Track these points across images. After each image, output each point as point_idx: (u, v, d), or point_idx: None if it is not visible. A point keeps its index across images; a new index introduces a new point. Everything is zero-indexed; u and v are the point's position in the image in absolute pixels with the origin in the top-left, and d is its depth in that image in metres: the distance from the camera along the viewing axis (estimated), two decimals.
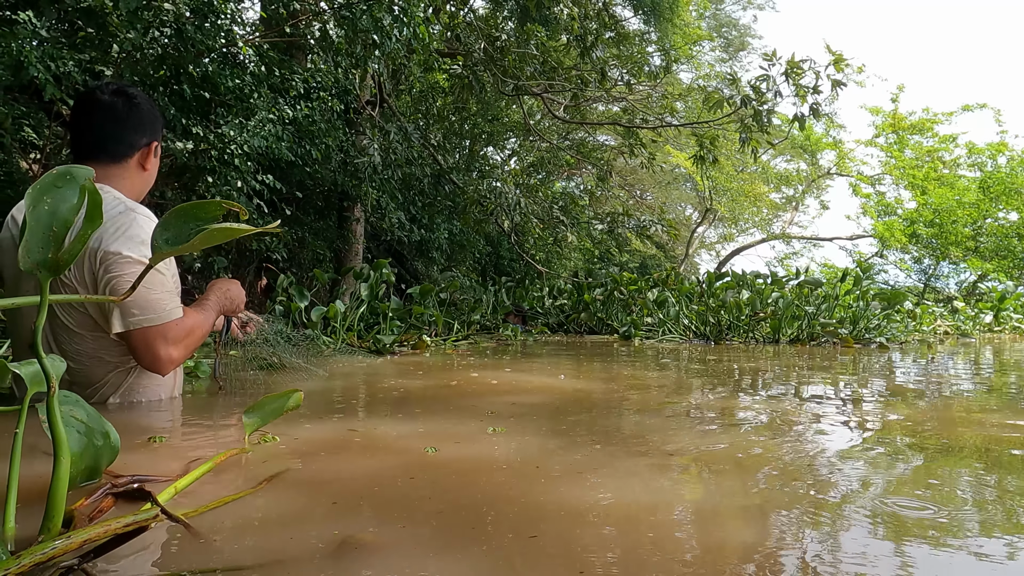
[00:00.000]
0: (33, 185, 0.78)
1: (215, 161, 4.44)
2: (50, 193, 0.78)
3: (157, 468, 1.15)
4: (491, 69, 7.46)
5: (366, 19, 4.56)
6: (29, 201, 0.77)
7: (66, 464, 0.77)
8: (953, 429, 1.61)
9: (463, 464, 1.18)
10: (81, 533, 0.69)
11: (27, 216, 0.77)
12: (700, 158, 7.97)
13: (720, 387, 2.40)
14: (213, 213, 0.88)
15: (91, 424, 0.97)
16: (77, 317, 1.59)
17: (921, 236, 16.06)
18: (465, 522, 0.88)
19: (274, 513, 0.91)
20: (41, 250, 0.77)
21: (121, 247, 1.54)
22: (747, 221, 20.33)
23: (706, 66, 15.30)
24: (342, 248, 6.91)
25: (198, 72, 4.25)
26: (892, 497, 1.01)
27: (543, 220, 8.33)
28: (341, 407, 1.87)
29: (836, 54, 7.07)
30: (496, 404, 1.87)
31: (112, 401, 1.69)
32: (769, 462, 1.23)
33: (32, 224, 0.76)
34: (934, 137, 17.54)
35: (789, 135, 13.48)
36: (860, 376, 2.87)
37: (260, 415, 1.21)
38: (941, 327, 7.45)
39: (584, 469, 1.15)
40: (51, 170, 0.80)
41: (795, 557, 0.78)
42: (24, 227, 0.76)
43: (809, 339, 5.06)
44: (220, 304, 1.87)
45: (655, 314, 5.84)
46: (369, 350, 3.57)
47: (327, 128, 5.61)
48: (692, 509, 0.97)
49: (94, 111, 1.70)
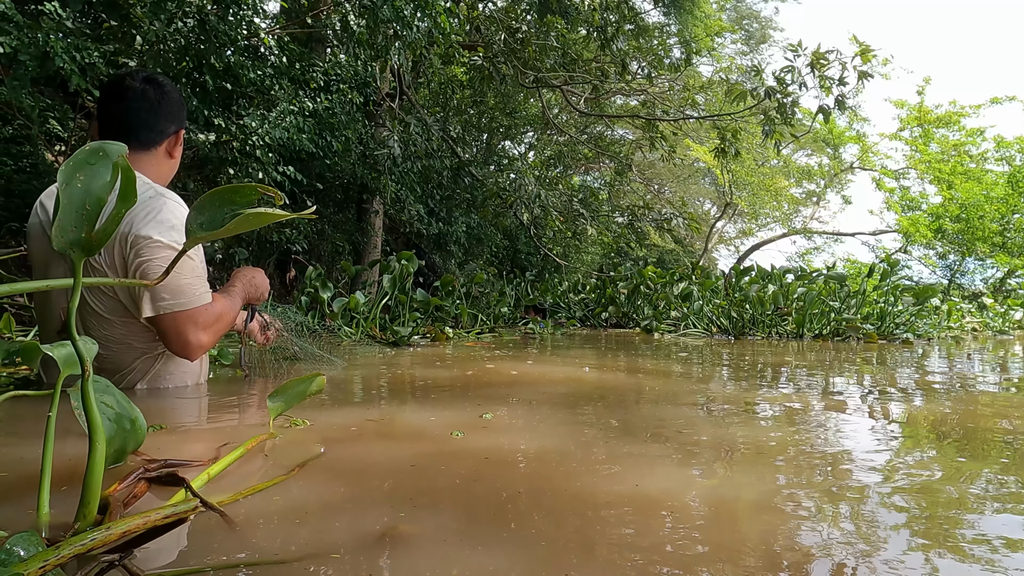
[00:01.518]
0: (66, 162, 0.76)
1: (237, 152, 4.45)
2: (83, 170, 0.76)
3: (186, 452, 1.13)
4: (511, 61, 7.41)
5: (387, 9, 4.54)
6: (62, 178, 0.75)
7: (101, 450, 0.75)
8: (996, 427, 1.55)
9: (491, 452, 1.16)
10: (120, 524, 0.67)
11: (60, 194, 0.75)
12: (721, 151, 7.87)
13: (744, 381, 2.35)
14: (248, 198, 0.86)
15: (120, 410, 0.95)
16: (107, 302, 1.59)
17: (947, 231, 15.76)
18: (498, 512, 0.85)
19: (308, 502, 0.88)
20: (74, 229, 0.75)
21: (151, 231, 1.53)
22: (767, 216, 20.10)
23: (727, 59, 15.10)
24: (360, 240, 6.91)
25: (220, 63, 4.25)
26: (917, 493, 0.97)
27: (563, 213, 8.28)
28: (363, 395, 1.85)
29: (863, 45, 6.93)
30: (522, 394, 1.84)
31: (140, 387, 1.68)
32: (799, 454, 1.19)
33: (65, 202, 0.74)
34: (961, 130, 17.20)
35: (812, 128, 13.29)
36: (907, 373, 2.80)
37: (284, 399, 1.20)
38: (969, 324, 7.30)
39: (615, 459, 1.12)
40: (83, 146, 0.77)
41: (821, 553, 0.75)
42: (57, 206, 0.74)
43: (834, 335, 4.97)
44: (246, 291, 1.87)
45: (680, 308, 5.78)
46: (388, 342, 3.57)
47: (347, 120, 5.61)
48: (738, 501, 0.93)
49: (125, 98, 1.69)
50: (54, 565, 0.63)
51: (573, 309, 6.55)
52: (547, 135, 11.11)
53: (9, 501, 0.86)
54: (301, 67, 5.26)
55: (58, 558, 0.63)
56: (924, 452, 1.28)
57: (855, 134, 18.90)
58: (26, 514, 0.80)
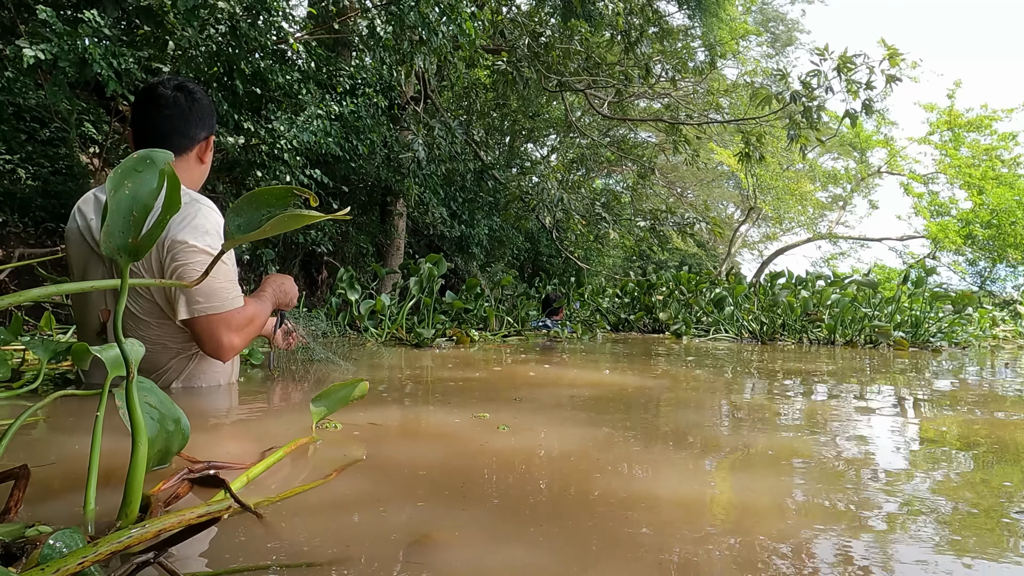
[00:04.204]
0: (114, 170, 0.78)
1: (265, 156, 4.52)
2: (131, 177, 0.78)
3: (225, 453, 1.16)
4: (535, 65, 7.42)
5: (413, 15, 4.58)
6: (110, 185, 0.77)
7: (143, 450, 0.77)
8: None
9: (518, 454, 1.16)
10: (156, 522, 0.69)
11: (108, 201, 0.77)
12: (746, 155, 7.80)
13: (781, 387, 2.33)
14: (284, 200, 0.88)
15: (163, 410, 0.97)
16: (144, 304, 1.63)
17: (977, 237, 15.45)
18: (534, 514, 0.86)
19: (343, 504, 0.90)
20: (122, 235, 0.77)
21: (187, 236, 1.57)
22: (792, 220, 19.87)
23: (752, 62, 14.98)
24: (384, 242, 6.97)
25: (250, 68, 4.33)
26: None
27: (585, 217, 8.27)
28: (393, 396, 1.87)
29: (891, 48, 6.83)
30: (545, 397, 1.84)
31: (175, 386, 1.73)
32: (820, 462, 1.18)
33: (113, 208, 0.77)
34: (992, 135, 16.86)
35: (838, 132, 13.11)
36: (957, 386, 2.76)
37: (327, 403, 1.22)
38: (1005, 332, 7.16)
39: (639, 463, 1.12)
40: (131, 155, 0.80)
41: (839, 556, 0.74)
42: (105, 211, 0.77)
43: (867, 342, 4.91)
44: (276, 297, 1.91)
45: (711, 313, 5.77)
46: (412, 344, 3.59)
47: (372, 123, 5.67)
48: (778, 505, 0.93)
49: (158, 106, 1.73)
50: (92, 562, 0.64)
51: (604, 314, 6.51)
52: (569, 138, 11.11)
53: (58, 497, 0.89)
54: (328, 71, 5.33)
55: (96, 555, 0.65)
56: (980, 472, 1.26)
57: (883, 138, 18.62)
58: (73, 511, 0.83)
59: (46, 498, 0.88)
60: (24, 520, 0.77)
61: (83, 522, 0.79)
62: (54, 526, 0.77)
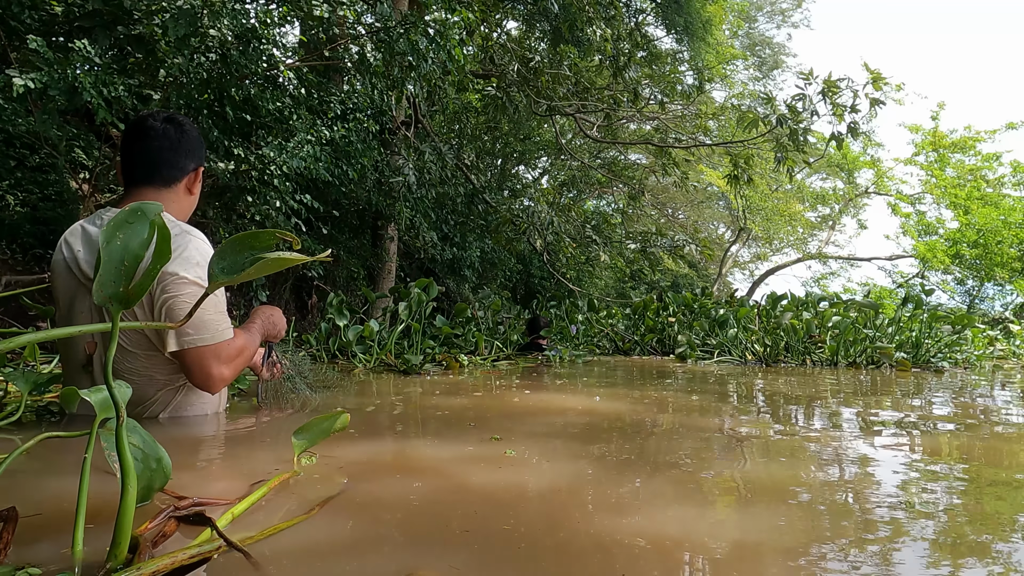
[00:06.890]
0: (107, 222, 0.81)
1: (255, 181, 4.55)
2: (122, 229, 0.81)
3: (210, 487, 1.17)
4: (524, 90, 7.53)
5: (403, 42, 4.66)
6: (103, 238, 0.80)
7: (133, 492, 0.79)
8: None
9: (505, 488, 1.18)
10: (149, 565, 0.71)
11: (101, 251, 0.80)
12: (734, 177, 7.90)
13: (781, 415, 2.35)
14: (267, 243, 0.91)
15: (147, 450, 1.00)
16: (132, 337, 1.65)
17: (964, 257, 15.64)
18: (515, 553, 0.88)
19: (327, 541, 0.92)
20: (113, 284, 0.80)
21: (178, 268, 1.59)
22: (782, 240, 20.07)
23: (739, 85, 15.22)
24: (375, 266, 6.99)
25: (240, 95, 4.37)
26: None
27: (576, 239, 8.33)
28: (376, 427, 1.88)
29: (874, 72, 6.98)
30: (535, 426, 1.86)
31: (162, 417, 1.74)
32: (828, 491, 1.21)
33: (105, 259, 0.80)
34: (977, 155, 17.16)
35: (825, 154, 13.30)
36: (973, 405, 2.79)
37: (309, 436, 1.24)
38: (1001, 351, 7.26)
39: (632, 496, 1.14)
40: (125, 207, 0.83)
41: None
42: (99, 262, 0.79)
43: (868, 363, 4.97)
44: (264, 329, 1.93)
45: (714, 336, 5.80)
46: (400, 370, 3.60)
47: (363, 148, 5.71)
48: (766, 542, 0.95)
49: (147, 138, 1.76)
50: None
51: (602, 335, 6.47)
52: (560, 160, 11.22)
53: (47, 538, 0.90)
54: (319, 97, 5.39)
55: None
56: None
57: (870, 159, 18.91)
58: (61, 552, 0.84)
59: (34, 539, 0.89)
60: (13, 563, 0.79)
61: (72, 564, 0.80)
62: (44, 568, 0.78)
